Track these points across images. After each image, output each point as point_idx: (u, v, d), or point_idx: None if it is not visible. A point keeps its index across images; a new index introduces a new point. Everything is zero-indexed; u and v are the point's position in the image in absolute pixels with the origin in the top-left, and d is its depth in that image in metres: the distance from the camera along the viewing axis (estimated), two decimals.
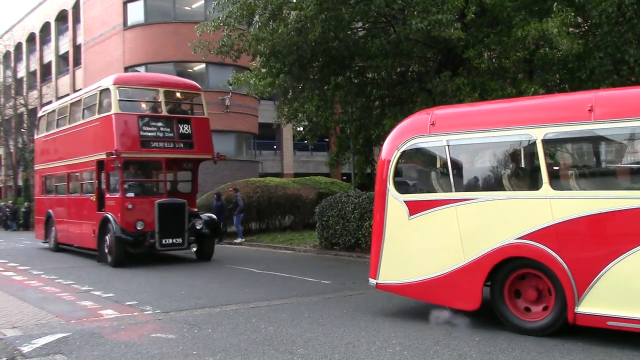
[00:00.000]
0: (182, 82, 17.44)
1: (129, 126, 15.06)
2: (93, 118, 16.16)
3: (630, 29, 11.97)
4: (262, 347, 7.06)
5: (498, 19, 12.74)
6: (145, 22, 32.87)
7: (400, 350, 6.80)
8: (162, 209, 14.81)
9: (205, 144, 16.22)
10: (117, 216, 14.70)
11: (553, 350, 6.74)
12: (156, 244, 14.71)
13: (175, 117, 15.76)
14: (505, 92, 12.44)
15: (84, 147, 16.71)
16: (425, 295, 8.30)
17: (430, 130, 8.12)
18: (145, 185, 16.01)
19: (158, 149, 15.18)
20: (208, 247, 16.11)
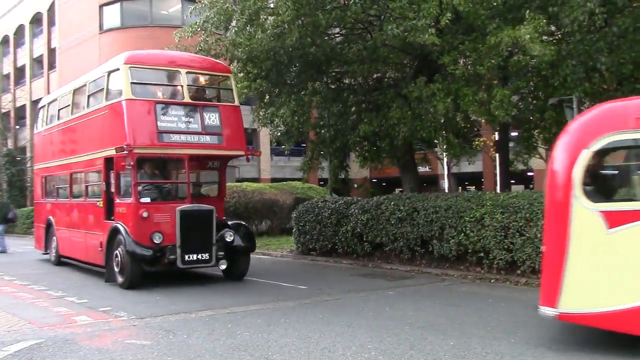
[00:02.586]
0: (208, 63, 13.73)
1: (143, 115, 12.01)
2: (100, 106, 13.15)
3: (602, 38, 12.19)
4: (238, 352, 7.04)
5: (473, 27, 12.88)
6: (122, 26, 32.68)
7: (376, 355, 6.83)
8: (185, 217, 11.81)
9: (237, 138, 13.08)
10: (130, 226, 11.74)
11: (526, 354, 6.82)
12: (177, 261, 11.69)
13: (200, 104, 12.68)
14: (477, 96, 12.58)
15: (88, 141, 13.91)
16: None
17: (638, 125, 6.65)
18: (163, 188, 12.82)
19: (179, 144, 12.11)
20: (242, 264, 12.89)
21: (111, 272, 12.34)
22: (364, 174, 36.10)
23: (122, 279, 11.89)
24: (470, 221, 12.62)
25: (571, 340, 7.42)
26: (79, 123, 14.51)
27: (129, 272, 11.64)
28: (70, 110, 15.33)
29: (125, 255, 11.68)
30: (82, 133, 14.42)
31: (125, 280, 11.80)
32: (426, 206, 13.69)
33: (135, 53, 13.10)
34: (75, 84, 15.41)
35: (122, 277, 11.89)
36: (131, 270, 11.63)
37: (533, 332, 7.80)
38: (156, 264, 11.93)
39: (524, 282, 11.72)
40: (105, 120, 12.90)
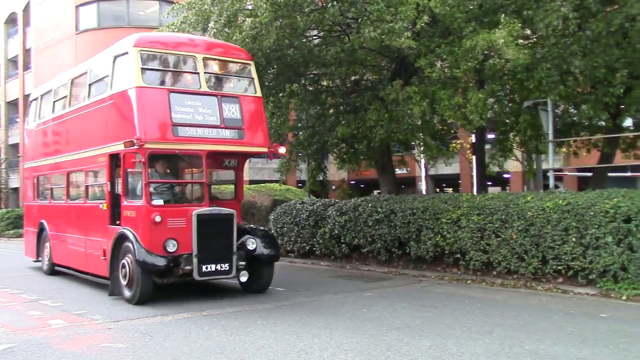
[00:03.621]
0: (227, 48, 12.14)
1: (155, 105, 10.55)
2: (104, 96, 11.61)
3: (576, 42, 12.35)
4: (214, 355, 7.03)
5: (449, 30, 12.98)
6: (98, 27, 32.40)
7: (353, 356, 6.86)
8: (203, 222, 10.36)
9: (259, 132, 11.61)
10: (140, 232, 10.27)
11: (501, 354, 6.90)
12: (194, 273, 10.21)
13: (218, 94, 11.20)
14: (453, 101, 12.69)
15: (89, 136, 12.32)
16: None
17: None
18: (178, 188, 11.45)
19: (196, 138, 10.65)
20: (265, 275, 11.41)
21: (117, 284, 10.79)
22: (342, 175, 36.18)
23: (131, 292, 10.37)
24: (447, 223, 12.73)
25: (547, 340, 7.52)
26: (79, 116, 12.85)
27: (139, 285, 10.13)
28: (67, 102, 13.71)
29: (134, 265, 10.16)
30: (81, 127, 12.82)
31: (134, 295, 10.28)
32: (403, 208, 13.77)
33: (147, 35, 11.83)
34: (74, 72, 13.90)
35: (131, 291, 10.37)
36: (142, 283, 10.11)
37: (508, 333, 7.89)
38: (169, 276, 10.43)
39: (499, 283, 11.85)
40: (110, 112, 11.38)
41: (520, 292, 11.17)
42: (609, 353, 6.91)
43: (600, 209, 10.38)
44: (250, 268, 10.99)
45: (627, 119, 15.32)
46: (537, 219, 11.18)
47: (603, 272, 10.42)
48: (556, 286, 11.10)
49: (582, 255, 10.66)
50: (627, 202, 10.20)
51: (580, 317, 8.93)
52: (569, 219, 10.77)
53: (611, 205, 10.28)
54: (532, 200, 11.55)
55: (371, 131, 14.32)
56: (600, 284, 10.50)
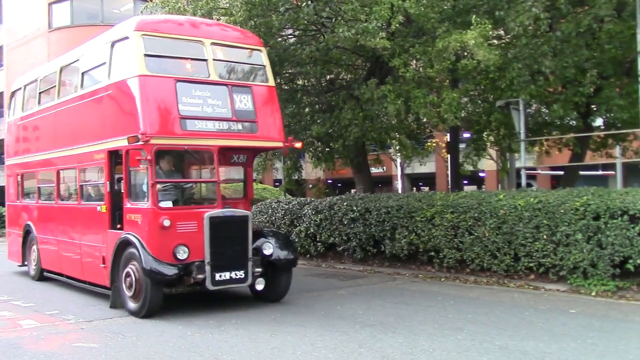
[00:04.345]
0: (237, 32, 11.20)
1: (161, 96, 9.51)
2: (100, 86, 10.49)
3: (546, 42, 12.55)
4: (188, 353, 7.03)
5: (423, 30, 13.10)
6: (72, 24, 32.04)
7: (326, 354, 6.91)
8: (217, 226, 9.41)
9: (273, 125, 10.57)
10: (146, 238, 9.19)
11: (471, 350, 7.00)
12: (206, 282, 9.22)
13: (229, 83, 10.15)
14: (427, 99, 12.82)
15: (84, 131, 11.14)
16: None
17: None
18: (186, 189, 10.45)
19: (207, 133, 9.62)
20: (282, 282, 10.35)
21: (119, 295, 9.74)
22: (318, 174, 36.25)
23: (137, 304, 9.27)
24: (421, 221, 12.83)
25: (517, 335, 7.64)
26: (70, 108, 11.64)
27: (147, 296, 9.07)
28: (56, 93, 12.39)
29: (141, 275, 9.12)
30: (73, 121, 11.58)
31: (141, 307, 9.19)
32: (378, 206, 13.85)
33: (148, 18, 10.76)
34: (64, 60, 12.54)
35: (137, 303, 9.27)
36: (150, 295, 9.06)
37: (479, 329, 8.00)
38: (178, 286, 9.48)
39: (472, 280, 12.00)
40: (108, 104, 10.29)
41: (492, 289, 11.32)
42: (577, 348, 7.05)
43: (571, 207, 10.55)
44: (266, 274, 10.05)
45: (597, 118, 15.60)
46: (510, 216, 11.33)
47: (573, 269, 10.59)
48: (528, 283, 11.26)
49: (553, 252, 10.82)
50: (597, 200, 10.38)
51: (551, 313, 9.08)
52: (540, 217, 10.93)
53: (581, 203, 10.46)
54: (504, 198, 11.70)
55: (346, 130, 14.38)
56: (570, 281, 10.68)
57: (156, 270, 9.02)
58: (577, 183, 14.94)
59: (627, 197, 10.23)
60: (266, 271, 10.02)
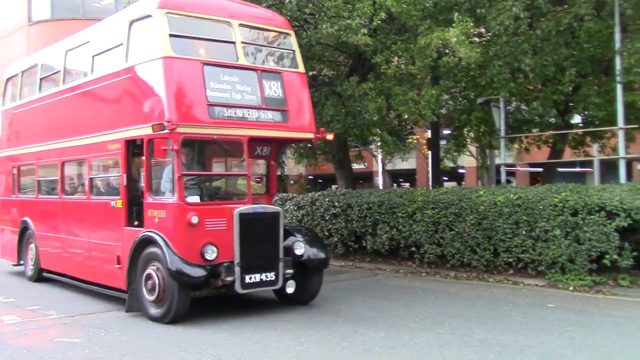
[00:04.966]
0: (265, 14, 10.42)
1: (188, 80, 8.70)
2: (115, 70, 9.57)
3: (526, 40, 12.71)
4: (171, 348, 7.06)
5: (405, 27, 13.20)
6: (52, 18, 31.67)
7: (308, 347, 6.99)
8: (247, 223, 8.66)
9: (304, 115, 9.88)
10: (172, 236, 8.37)
11: (452, 343, 7.12)
12: (236, 285, 8.47)
13: (258, 68, 9.42)
14: (407, 96, 12.92)
15: (95, 119, 10.23)
16: None
17: None
18: (214, 182, 9.92)
19: (236, 121, 8.87)
20: (313, 284, 9.60)
21: (138, 299, 8.85)
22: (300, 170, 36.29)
23: (160, 310, 8.43)
24: (402, 217, 12.94)
25: (497, 329, 7.77)
26: (78, 95, 10.74)
27: (175, 301, 8.25)
28: (61, 79, 11.45)
29: (165, 277, 8.30)
30: (82, 108, 10.73)
31: (165, 313, 8.36)
32: (360, 202, 13.94)
33: None
34: (70, 43, 11.45)
35: (160, 308, 8.43)
36: (178, 299, 8.24)
37: (460, 323, 8.12)
38: (205, 289, 8.68)
39: (453, 275, 12.14)
40: (126, 89, 9.44)
41: (472, 284, 11.46)
42: (555, 341, 7.19)
43: (549, 203, 10.72)
44: (297, 278, 9.29)
45: (576, 116, 15.83)
46: (489, 212, 11.47)
47: (551, 264, 10.77)
48: (507, 278, 11.42)
49: (531, 247, 10.99)
50: (575, 196, 10.56)
51: (529, 307, 9.24)
52: (519, 213, 11.08)
53: (559, 199, 10.63)
54: (484, 194, 11.85)
55: (328, 126, 14.43)
56: (548, 275, 10.86)
57: (183, 271, 8.19)
58: (555, 180, 15.15)
59: (604, 194, 10.42)
60: (296, 272, 9.24)
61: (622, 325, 8.08)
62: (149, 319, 8.48)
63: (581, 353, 6.69)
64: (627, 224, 9.91)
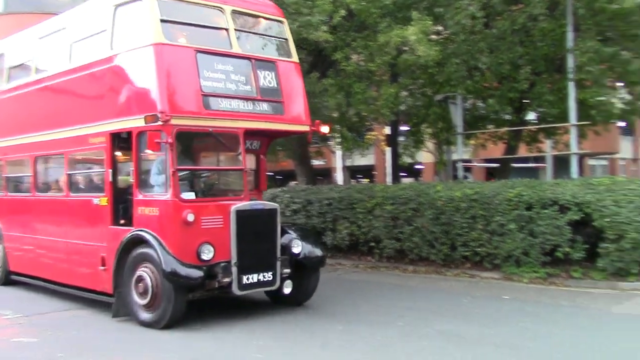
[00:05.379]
0: (257, 0, 9.75)
1: (181, 69, 8.21)
2: (98, 58, 8.96)
3: (482, 39, 12.98)
4: (131, 345, 7.03)
5: (365, 24, 13.32)
6: (5, 12, 30.90)
7: (268, 342, 7.04)
8: (244, 220, 8.21)
9: (299, 106, 9.45)
10: (167, 235, 7.86)
11: (411, 335, 7.26)
12: (233, 286, 7.98)
13: (252, 57, 8.90)
14: (367, 94, 13.06)
15: (74, 111, 9.59)
16: None
17: None
18: (209, 178, 9.40)
19: (232, 113, 8.40)
20: (310, 284, 9.21)
21: (126, 303, 8.22)
22: None
23: (153, 314, 7.84)
24: (362, 212, 13.05)
25: (455, 321, 7.94)
26: (53, 85, 10.09)
27: (171, 304, 7.69)
28: (33, 68, 10.77)
29: (159, 279, 7.74)
30: (58, 99, 10.08)
31: (159, 317, 7.77)
32: (320, 198, 14.01)
33: None
34: (43, 30, 10.66)
35: (153, 313, 7.85)
36: (174, 302, 7.69)
37: (419, 316, 8.27)
38: (199, 290, 8.10)
39: (411, 269, 12.30)
40: (110, 78, 8.84)
41: (431, 277, 11.65)
42: (510, 331, 7.41)
43: (505, 198, 10.96)
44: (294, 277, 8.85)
45: (530, 113, 16.21)
46: (447, 207, 11.66)
47: (507, 257, 11.01)
48: (464, 271, 11.65)
49: (488, 241, 11.21)
50: (529, 191, 10.83)
51: (486, 299, 9.47)
52: (476, 208, 11.30)
53: (514, 194, 10.89)
54: (442, 190, 12.04)
55: None
56: (504, 268, 11.10)
57: (179, 272, 7.66)
58: (510, 175, 15.50)
59: (557, 188, 10.72)
60: (295, 272, 8.84)
61: (574, 315, 8.36)
62: (140, 325, 7.90)
63: (535, 342, 6.90)
64: (579, 217, 10.22)
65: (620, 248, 9.84)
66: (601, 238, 10.07)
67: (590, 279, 10.29)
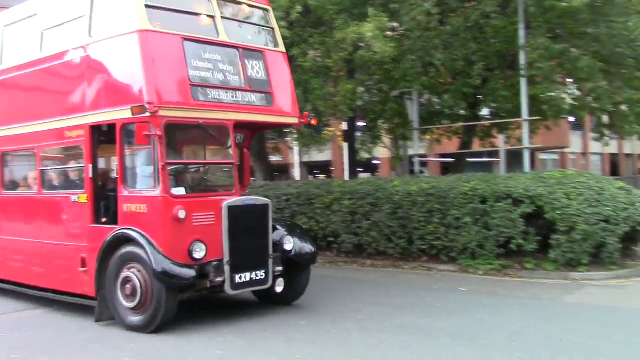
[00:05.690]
0: None
1: (168, 58, 7.81)
2: (75, 46, 8.44)
3: (437, 36, 13.20)
4: (90, 345, 6.94)
5: (322, 21, 13.38)
6: None
7: (230, 337, 7.04)
8: (237, 217, 7.85)
9: (287, 98, 9.14)
10: (157, 233, 7.44)
11: (371, 329, 7.35)
12: (226, 286, 7.63)
13: (240, 46, 8.52)
14: (325, 90, 13.13)
15: (47, 103, 9.03)
16: None
17: None
18: (199, 172, 8.95)
19: (221, 104, 8.05)
20: (301, 282, 8.90)
21: (111, 306, 7.73)
22: None
23: (142, 317, 7.40)
24: (320, 208, 13.12)
25: (413, 314, 8.08)
26: (21, 75, 9.48)
27: (162, 306, 7.27)
28: None
29: (149, 279, 7.32)
30: (27, 90, 9.49)
31: (150, 320, 7.33)
32: (278, 194, 14.01)
33: None
34: (9, 17, 10.10)
35: (141, 315, 7.40)
36: (166, 304, 7.27)
37: (378, 309, 8.39)
38: (190, 291, 7.72)
39: (370, 264, 12.44)
40: (89, 67, 8.29)
41: (389, 271, 11.81)
42: (467, 322, 7.58)
43: (460, 192, 11.19)
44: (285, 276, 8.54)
45: (484, 108, 16.55)
46: (404, 202, 11.82)
47: (462, 250, 11.25)
48: (421, 265, 11.83)
49: (444, 235, 11.42)
50: (483, 185, 11.08)
51: (443, 292, 9.66)
52: (432, 202, 11.49)
53: (469, 188, 11.12)
54: (399, 184, 12.20)
55: None
56: (460, 261, 11.33)
57: (171, 272, 7.25)
58: (465, 169, 15.80)
59: (511, 182, 10.99)
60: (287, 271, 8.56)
61: (528, 305, 8.60)
62: (128, 329, 7.46)
63: (491, 332, 7.09)
64: (531, 210, 10.50)
65: (571, 239, 10.16)
66: (553, 230, 10.39)
67: (543, 270, 10.60)
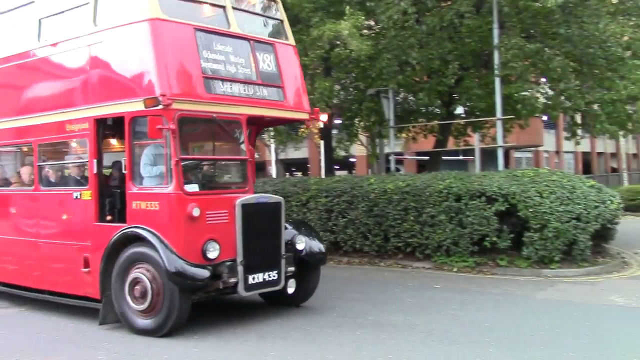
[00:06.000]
0: None
1: (180, 48, 7.48)
2: (78, 35, 8.10)
3: (413, 34, 13.27)
4: (63, 344, 6.89)
5: (298, 18, 13.38)
6: None
7: (204, 335, 7.04)
8: (250, 215, 7.57)
9: (299, 92, 8.83)
10: (169, 232, 7.12)
11: (344, 326, 7.40)
12: (239, 287, 7.36)
13: (251, 38, 8.20)
14: None
15: (46, 95, 8.67)
16: None
17: None
18: (212, 169, 8.56)
19: (233, 97, 7.74)
20: (311, 282, 8.61)
21: (116, 309, 7.39)
22: None
23: (153, 320, 7.08)
24: (297, 205, 13.13)
25: (388, 310, 8.14)
26: (17, 66, 9.05)
27: (174, 308, 6.96)
28: None
29: (162, 280, 6.97)
30: (24, 82, 9.08)
31: (162, 323, 7.01)
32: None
33: None
34: (3, 5, 9.60)
35: (152, 318, 7.08)
36: (179, 307, 6.97)
37: (353, 306, 8.44)
38: (201, 292, 7.39)
39: (346, 261, 12.49)
40: (94, 58, 7.92)
41: (364, 268, 11.88)
42: (441, 319, 7.67)
43: (435, 190, 11.29)
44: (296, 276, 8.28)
45: (459, 107, 16.70)
46: (380, 199, 11.89)
47: (437, 247, 11.35)
48: (397, 262, 11.92)
49: (419, 232, 11.51)
50: (458, 183, 11.19)
51: (418, 288, 9.75)
52: (408, 200, 11.58)
53: (444, 185, 11.22)
54: (375, 182, 12.27)
55: None
56: (435, 258, 11.44)
57: (186, 273, 6.94)
58: (440, 167, 15.93)
59: (485, 180, 11.12)
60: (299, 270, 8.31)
61: (501, 302, 8.73)
62: (136, 333, 7.14)
63: (465, 328, 7.18)
64: (505, 208, 10.64)
65: (544, 237, 10.33)
66: (526, 227, 10.54)
67: (516, 267, 10.75)
